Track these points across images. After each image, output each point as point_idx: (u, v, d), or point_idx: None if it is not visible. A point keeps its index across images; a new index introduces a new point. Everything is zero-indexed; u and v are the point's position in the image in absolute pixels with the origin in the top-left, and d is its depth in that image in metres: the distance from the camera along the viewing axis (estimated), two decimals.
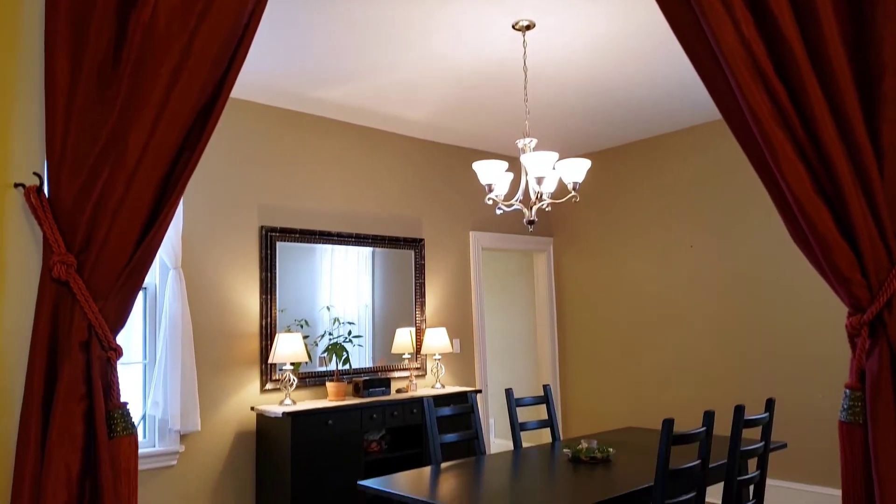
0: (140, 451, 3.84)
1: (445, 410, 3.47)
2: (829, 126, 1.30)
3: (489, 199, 3.48)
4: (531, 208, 3.56)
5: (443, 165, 5.75)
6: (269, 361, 4.30)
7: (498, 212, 3.67)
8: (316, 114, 4.89)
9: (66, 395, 1.19)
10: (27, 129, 1.25)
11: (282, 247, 4.62)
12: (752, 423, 3.00)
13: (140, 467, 3.82)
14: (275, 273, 4.55)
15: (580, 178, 3.50)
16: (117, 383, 1.37)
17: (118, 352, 1.35)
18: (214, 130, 1.48)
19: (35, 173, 1.26)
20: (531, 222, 3.55)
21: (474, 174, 5.99)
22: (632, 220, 5.91)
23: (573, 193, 3.52)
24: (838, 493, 4.46)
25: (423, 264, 5.46)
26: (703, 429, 2.71)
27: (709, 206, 5.38)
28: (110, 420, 1.29)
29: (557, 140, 5.70)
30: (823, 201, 1.30)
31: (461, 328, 5.70)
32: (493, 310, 7.14)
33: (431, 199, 5.63)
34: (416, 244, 5.42)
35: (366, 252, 5.11)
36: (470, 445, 4.62)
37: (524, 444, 3.80)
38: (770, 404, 3.17)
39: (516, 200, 3.60)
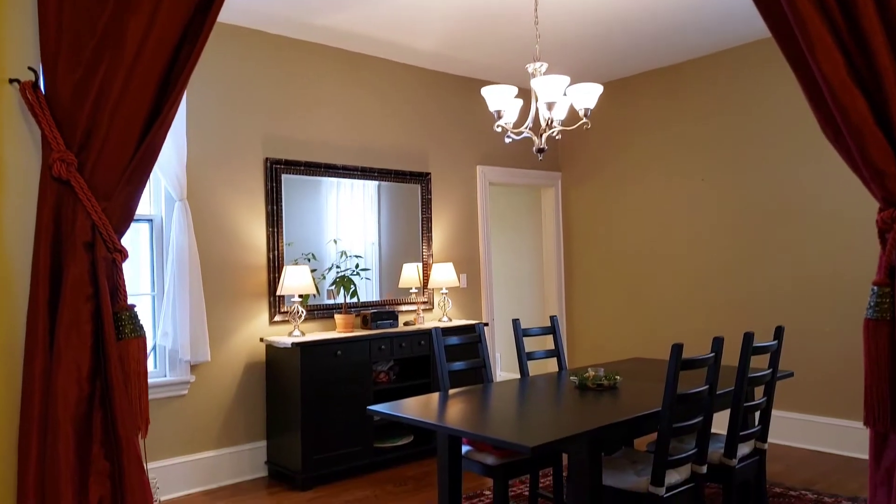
0: (151, 380, 3.90)
1: (453, 339, 3.48)
2: (870, 12, 1.22)
3: (498, 126, 3.40)
4: (541, 136, 3.49)
5: (450, 97, 5.62)
6: (278, 293, 4.31)
7: (507, 140, 3.59)
8: (321, 42, 4.76)
9: (72, 295, 1.17)
10: (19, 20, 1.19)
11: (287, 179, 4.57)
12: (760, 350, 2.99)
13: (152, 396, 3.88)
14: (281, 206, 4.51)
15: (592, 103, 3.41)
16: (124, 285, 1.35)
17: (123, 254, 1.32)
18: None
19: (30, 68, 1.20)
20: (541, 150, 3.48)
21: (482, 106, 5.88)
22: (641, 153, 5.81)
23: (584, 120, 3.43)
24: (843, 423, 4.51)
25: (430, 199, 5.40)
26: (712, 354, 2.71)
27: (720, 137, 5.26)
28: (118, 321, 1.27)
29: (568, 69, 5.54)
30: (860, 90, 1.24)
31: (468, 263, 5.69)
32: (500, 245, 7.12)
33: (438, 132, 5.53)
34: (422, 178, 5.36)
35: (372, 186, 5.06)
36: (477, 375, 4.67)
37: (531, 374, 3.82)
38: (779, 332, 3.16)
39: (526, 128, 3.52)
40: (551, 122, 3.39)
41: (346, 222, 4.88)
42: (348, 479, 4.22)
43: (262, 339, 4.34)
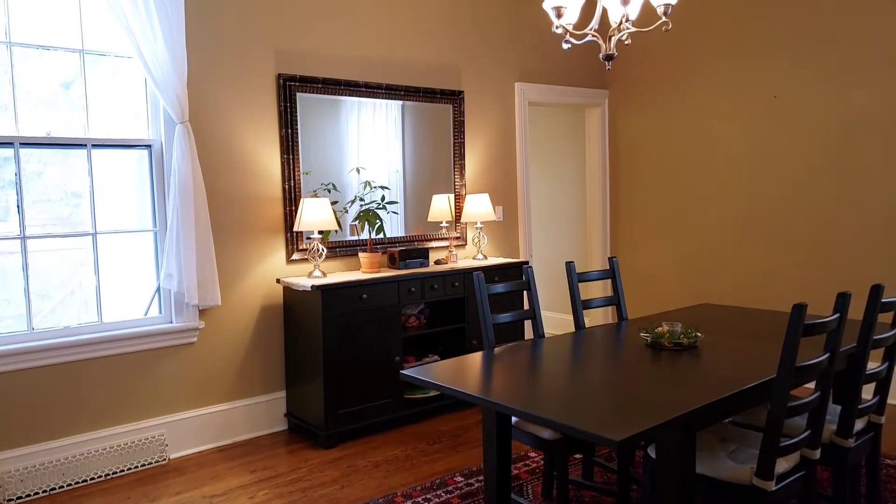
0: (156, 327, 3.48)
1: (498, 287, 2.97)
2: None
3: (557, 27, 2.75)
4: (609, 39, 2.84)
5: (485, 3, 4.90)
6: (295, 230, 3.80)
7: (565, 46, 2.94)
8: None
9: None
10: None
11: (303, 99, 3.97)
12: (887, 307, 2.44)
13: (156, 345, 3.48)
14: (296, 129, 3.94)
15: None
16: None
17: None
18: None
19: None
20: (609, 57, 2.84)
21: (521, 13, 5.16)
22: (701, 67, 5.08)
23: (664, 20, 2.77)
24: None
25: (463, 121, 4.78)
26: (836, 316, 2.17)
27: (797, 46, 4.52)
28: None
29: None
30: None
31: (504, 194, 5.11)
32: (538, 173, 6.50)
33: (472, 44, 4.84)
34: (454, 97, 4.72)
35: (395, 107, 4.44)
36: (517, 327, 4.19)
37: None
38: None
39: (590, 30, 2.87)
40: (625, 20, 2.74)
41: (368, 148, 4.31)
42: (375, 435, 3.83)
43: (278, 281, 3.87)
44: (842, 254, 4.39)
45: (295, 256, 3.96)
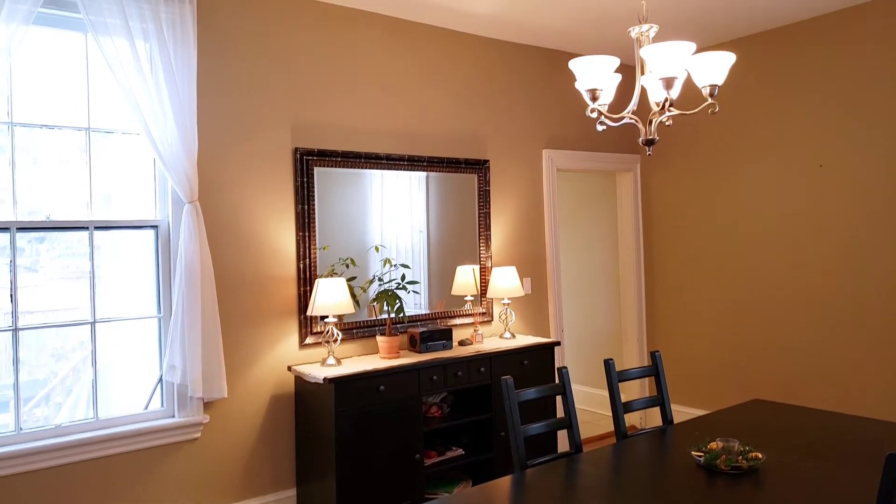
0: (156, 423, 3.23)
1: (530, 393, 2.67)
2: None
3: (592, 110, 2.51)
4: (649, 123, 2.59)
5: (513, 70, 4.72)
6: (308, 314, 3.55)
7: (600, 128, 2.70)
8: (361, 7, 3.91)
9: None
10: None
11: (321, 173, 3.78)
12: None
13: (157, 442, 3.21)
14: (313, 205, 3.74)
15: (721, 79, 2.49)
16: None
17: None
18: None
19: None
20: (650, 142, 2.59)
21: (549, 80, 4.97)
22: (741, 132, 4.81)
23: (710, 101, 2.51)
24: None
25: (488, 190, 4.55)
26: None
27: (843, 112, 4.23)
28: None
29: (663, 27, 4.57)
30: None
31: (533, 265, 4.84)
32: (567, 242, 6.22)
33: (498, 112, 4.64)
34: (479, 166, 4.50)
35: (419, 178, 4.23)
36: (550, 435, 3.84)
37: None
38: None
39: (628, 112, 2.62)
40: (666, 103, 2.49)
41: (391, 219, 4.09)
42: None
43: (290, 368, 3.61)
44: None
45: (308, 340, 3.71)
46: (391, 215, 4.10)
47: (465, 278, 4.37)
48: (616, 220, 5.68)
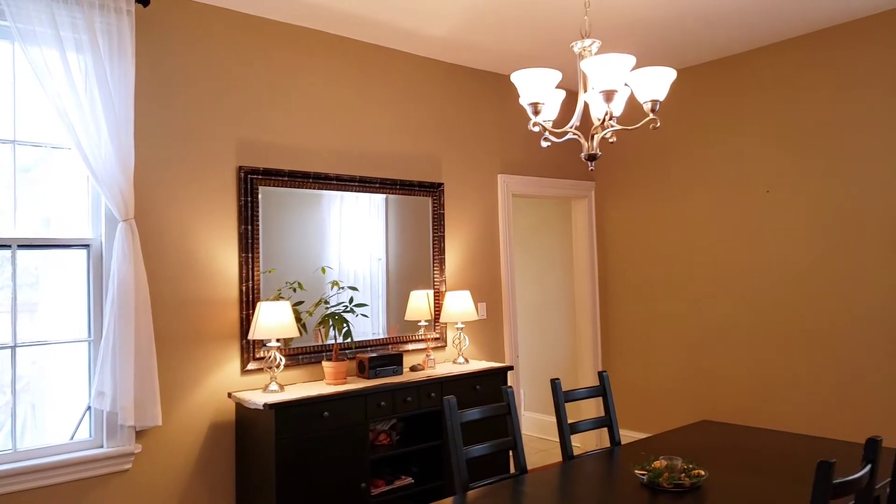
0: (83, 454, 3.04)
1: (474, 413, 2.58)
2: None
3: (534, 124, 2.49)
4: (592, 138, 2.58)
5: (467, 94, 4.73)
6: (250, 337, 3.42)
7: (544, 144, 2.68)
8: (309, 26, 3.88)
9: None
10: None
11: (268, 193, 3.69)
12: None
13: (84, 474, 3.03)
14: (257, 225, 3.64)
15: (662, 94, 2.50)
16: None
17: None
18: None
19: None
20: (592, 157, 2.57)
21: (504, 105, 4.99)
22: (690, 159, 4.88)
23: (651, 117, 2.51)
24: None
25: (443, 214, 4.51)
26: (867, 469, 1.79)
27: (789, 139, 4.32)
28: None
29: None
30: None
31: (488, 290, 4.78)
32: (523, 267, 6.20)
33: (453, 135, 4.63)
34: (434, 189, 4.46)
35: (379, 200, 4.18)
36: (500, 456, 3.75)
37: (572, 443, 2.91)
38: None
39: (571, 128, 2.61)
40: (608, 118, 2.48)
41: (348, 243, 4.00)
42: None
43: (230, 395, 3.46)
44: (848, 358, 4.03)
45: (251, 366, 3.57)
46: (349, 240, 4.01)
47: (418, 303, 4.29)
48: (571, 244, 5.68)
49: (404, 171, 4.33)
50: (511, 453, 2.66)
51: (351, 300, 3.77)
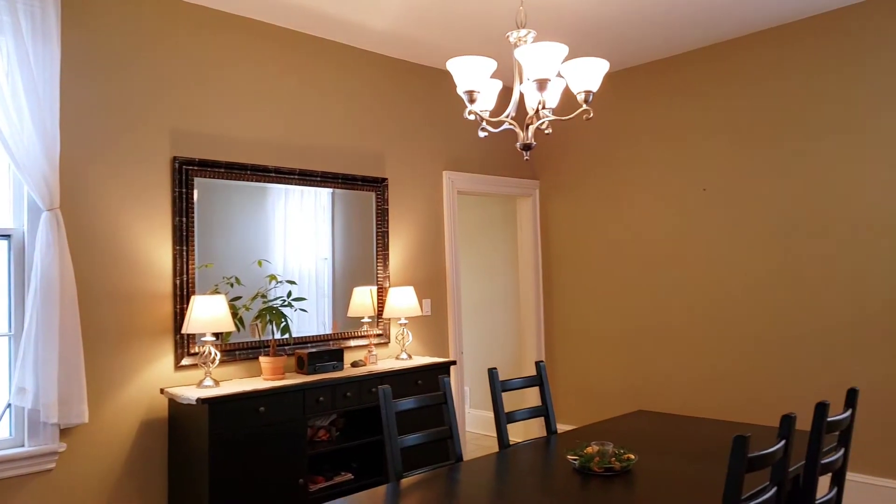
0: (2, 452, 2.89)
1: (408, 403, 2.57)
2: None
3: (470, 113, 2.50)
4: (527, 128, 2.60)
5: (413, 90, 4.73)
6: (184, 331, 3.33)
7: (481, 134, 2.70)
8: (250, 16, 3.82)
9: None
10: None
11: (205, 185, 3.61)
12: (832, 427, 2.15)
13: (3, 474, 2.88)
14: (192, 217, 3.55)
15: (595, 85, 2.54)
16: None
17: None
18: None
19: None
20: (527, 146, 2.60)
21: (449, 101, 5.01)
22: (634, 159, 4.98)
23: (584, 107, 2.55)
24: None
25: (387, 209, 4.49)
26: (782, 444, 1.84)
27: (726, 139, 4.46)
28: None
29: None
30: None
31: (433, 287, 4.78)
32: (469, 264, 6.23)
33: (397, 131, 4.62)
34: (377, 185, 4.44)
35: (325, 195, 4.14)
36: (440, 444, 3.73)
37: (511, 436, 2.92)
38: (852, 397, 2.32)
39: (507, 117, 2.63)
40: (542, 107, 2.51)
41: (290, 242, 3.94)
42: None
43: (162, 391, 3.36)
44: (775, 352, 4.18)
45: (185, 362, 3.47)
46: (294, 238, 3.95)
47: (361, 299, 4.25)
48: (517, 242, 5.73)
49: (347, 165, 4.30)
50: (449, 443, 2.66)
51: (289, 294, 3.71)
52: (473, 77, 2.45)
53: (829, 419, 2.11)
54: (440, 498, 2.15)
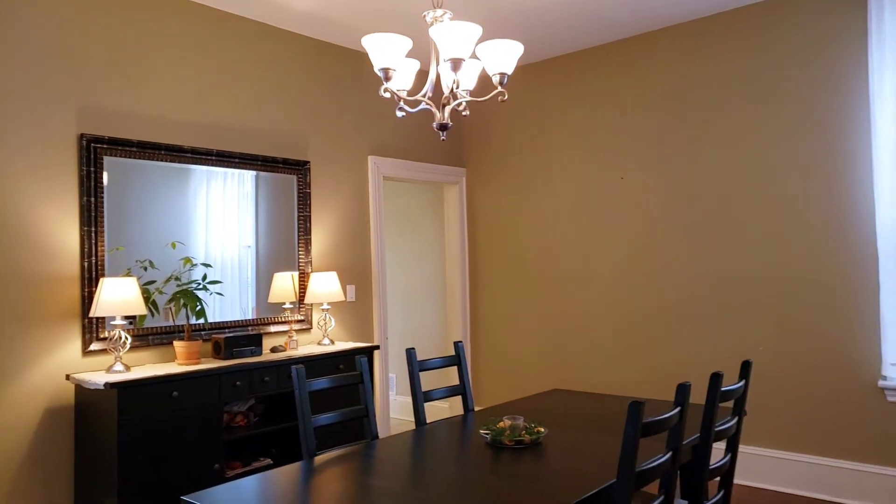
0: None
1: (322, 382, 2.55)
2: None
3: (385, 90, 2.50)
4: (443, 108, 2.63)
5: (336, 73, 4.68)
6: (92, 315, 3.20)
7: (399, 114, 2.70)
8: None
9: None
10: None
11: (117, 164, 3.46)
12: (727, 396, 2.27)
13: None
14: (101, 198, 3.41)
15: (509, 67, 2.58)
16: None
17: None
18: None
19: None
20: (444, 127, 2.62)
21: (374, 85, 4.98)
22: (555, 149, 5.10)
23: (499, 89, 2.60)
24: (778, 455, 3.94)
25: (309, 193, 4.43)
26: (677, 410, 1.94)
27: (644, 129, 4.63)
28: None
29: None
30: None
31: (357, 273, 4.75)
32: (396, 252, 6.23)
33: (321, 113, 4.57)
34: (299, 168, 4.38)
35: (249, 185, 4.06)
36: (359, 424, 3.74)
37: (433, 417, 2.95)
38: (746, 369, 2.46)
39: (424, 96, 2.65)
40: (456, 87, 2.54)
41: (212, 229, 3.84)
42: None
43: (68, 377, 3.22)
44: (690, 332, 4.38)
45: (94, 347, 3.34)
46: (217, 226, 3.85)
47: (282, 285, 4.19)
48: (444, 229, 5.77)
49: (268, 147, 4.22)
50: (364, 422, 2.66)
51: (204, 277, 3.62)
52: (389, 54, 2.45)
53: (723, 388, 2.23)
54: (354, 473, 2.16)
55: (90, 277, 3.33)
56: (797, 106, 3.98)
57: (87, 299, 3.32)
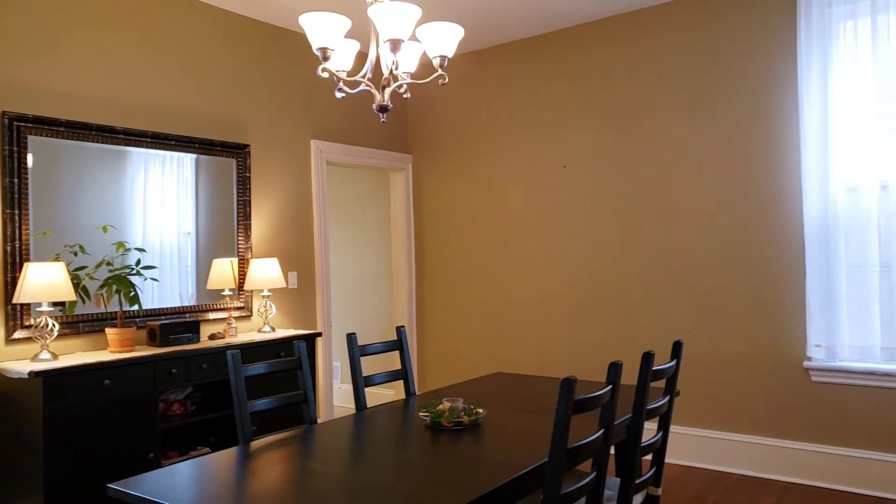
0: None
1: (259, 368, 2.51)
2: None
3: (323, 70, 2.46)
4: (383, 89, 2.60)
5: (276, 54, 4.57)
6: (15, 301, 3.05)
7: (338, 95, 2.66)
8: None
9: None
10: None
11: (44, 145, 3.31)
12: (658, 375, 2.34)
13: None
14: (25, 179, 3.25)
15: (450, 50, 2.58)
16: None
17: None
18: None
19: None
20: (383, 108, 2.59)
21: (316, 66, 4.90)
22: (500, 136, 5.13)
23: (440, 72, 2.59)
24: (710, 434, 4.09)
25: (249, 177, 4.33)
26: (609, 388, 1.99)
27: (586, 118, 4.70)
28: None
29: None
30: None
31: (300, 259, 4.68)
32: (341, 238, 6.17)
33: (261, 96, 4.46)
34: (238, 151, 4.27)
35: (188, 169, 3.94)
36: (299, 411, 3.71)
37: (376, 403, 2.94)
38: (677, 349, 2.53)
39: (363, 77, 2.62)
40: (396, 67, 2.52)
41: (150, 215, 3.72)
42: None
43: None
44: (628, 319, 4.49)
45: (18, 335, 3.19)
46: (155, 211, 3.73)
47: (221, 271, 4.10)
48: (389, 216, 5.74)
49: (206, 129, 4.10)
50: (304, 407, 2.63)
51: (138, 262, 3.51)
52: (327, 34, 2.41)
53: (654, 368, 2.29)
54: (292, 457, 2.13)
55: (13, 262, 3.18)
56: (728, 97, 4.11)
57: (11, 285, 3.17)
